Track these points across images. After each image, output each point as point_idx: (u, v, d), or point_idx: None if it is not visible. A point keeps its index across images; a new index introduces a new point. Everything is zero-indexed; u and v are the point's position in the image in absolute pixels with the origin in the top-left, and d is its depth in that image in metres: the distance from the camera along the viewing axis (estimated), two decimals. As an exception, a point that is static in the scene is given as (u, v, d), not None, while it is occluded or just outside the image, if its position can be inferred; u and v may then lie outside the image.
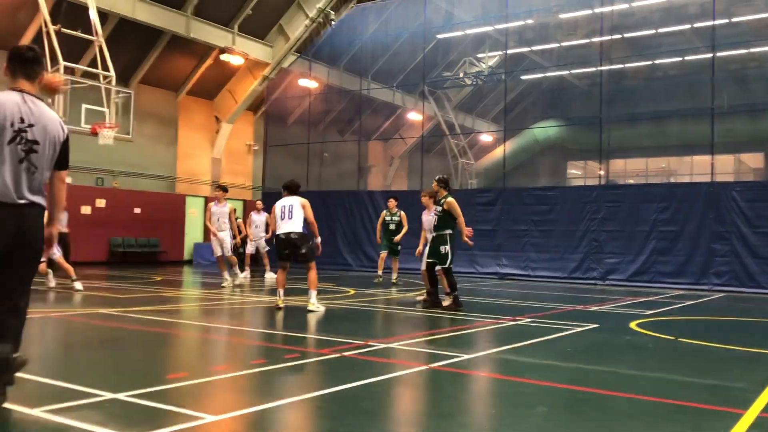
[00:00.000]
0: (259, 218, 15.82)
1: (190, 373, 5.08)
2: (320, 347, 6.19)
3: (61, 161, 4.17)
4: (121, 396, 4.17)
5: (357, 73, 22.63)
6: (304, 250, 9.17)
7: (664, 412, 4.33)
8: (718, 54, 16.99)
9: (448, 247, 9.59)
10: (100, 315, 8.37)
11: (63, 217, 17.19)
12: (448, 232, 9.71)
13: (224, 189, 13.45)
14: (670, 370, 5.74)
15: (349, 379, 4.90)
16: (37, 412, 3.76)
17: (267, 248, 15.64)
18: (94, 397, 4.13)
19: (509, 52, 20.63)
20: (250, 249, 15.93)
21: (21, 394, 4.25)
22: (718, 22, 17.20)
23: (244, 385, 4.89)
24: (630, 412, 4.32)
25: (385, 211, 15.04)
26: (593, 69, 20.72)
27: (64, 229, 12.34)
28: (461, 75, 26.29)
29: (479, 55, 25.87)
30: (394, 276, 14.82)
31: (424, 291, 10.46)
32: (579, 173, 33.69)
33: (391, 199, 15.11)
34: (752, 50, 21.49)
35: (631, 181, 27.64)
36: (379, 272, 15.33)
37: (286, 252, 9.23)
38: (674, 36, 22.28)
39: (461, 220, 9.74)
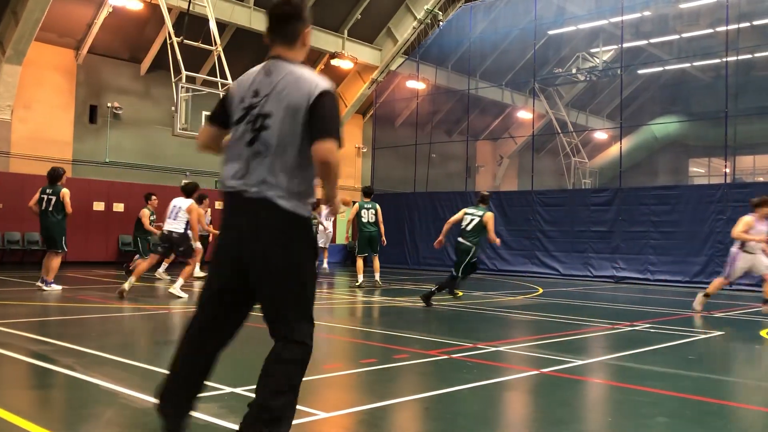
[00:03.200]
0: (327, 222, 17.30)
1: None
2: (428, 348, 6.19)
3: (317, 127, 2.94)
4: (239, 390, 4.34)
5: (465, 73, 22.49)
6: (182, 248, 10.36)
7: (801, 429, 3.99)
8: None
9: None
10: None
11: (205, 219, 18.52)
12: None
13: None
14: (808, 384, 5.29)
15: (457, 381, 4.87)
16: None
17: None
18: (215, 391, 4.33)
19: (625, 45, 19.78)
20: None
21: (150, 384, 4.53)
22: None
23: (356, 383, 4.97)
24: (758, 427, 4.02)
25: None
26: (718, 60, 19.51)
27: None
28: (574, 71, 25.51)
29: (593, 50, 25.00)
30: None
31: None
32: (702, 171, 31.82)
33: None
34: None
35: (761, 179, 25.78)
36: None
37: (165, 246, 10.50)
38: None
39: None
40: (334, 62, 22.36)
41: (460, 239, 10.58)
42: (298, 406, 4.04)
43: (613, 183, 20.80)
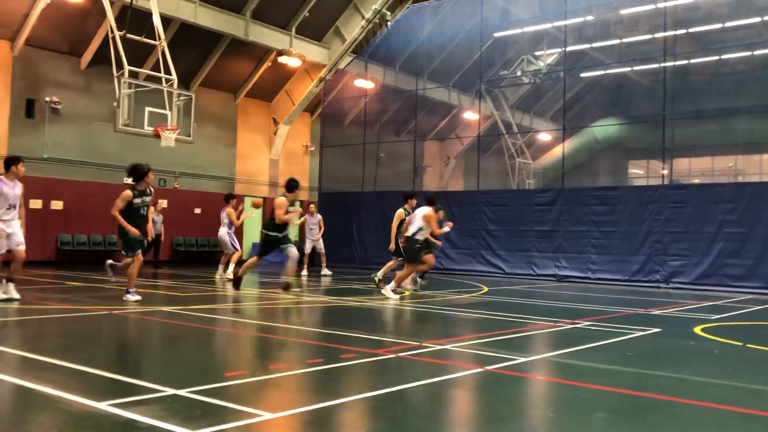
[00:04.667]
0: (312, 220, 17.07)
1: (249, 371, 5.17)
2: (375, 347, 6.20)
3: None
4: (182, 392, 4.27)
5: (413, 73, 22.62)
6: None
7: (732, 421, 4.16)
8: (790, 48, 16.28)
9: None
10: (162, 313, 8.61)
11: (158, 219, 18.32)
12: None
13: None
14: (738, 378, 5.52)
15: (404, 379, 4.89)
16: (103, 406, 3.88)
17: (323, 249, 17.16)
18: (156, 393, 4.24)
19: (568, 49, 20.24)
20: (308, 248, 17.02)
21: (88, 387, 4.40)
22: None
23: (302, 383, 4.94)
24: (695, 420, 4.17)
25: (402, 211, 13.10)
26: (656, 65, 20.16)
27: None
28: (519, 73, 25.95)
29: (537, 53, 25.48)
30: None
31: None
32: (641, 173, 32.82)
33: (411, 199, 13.30)
34: (827, 43, 20.51)
35: (697, 181, 26.76)
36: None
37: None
38: (743, 30, 21.46)
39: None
40: (282, 60, 22.17)
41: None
42: (241, 407, 4.00)
43: (556, 183, 21.27)
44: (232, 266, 14.26)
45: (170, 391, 4.28)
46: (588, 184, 21.82)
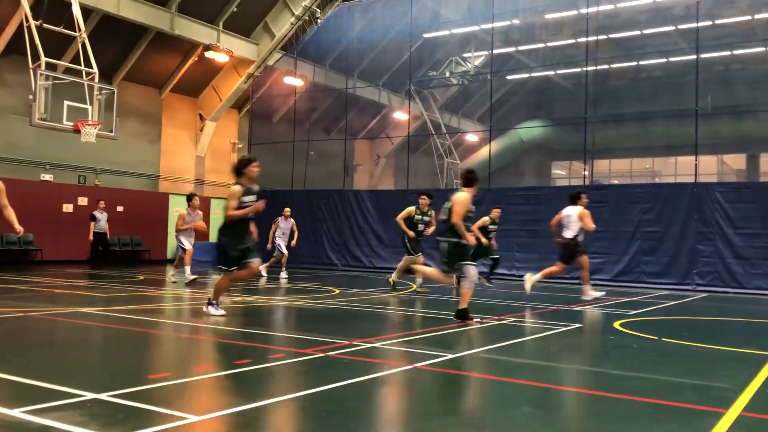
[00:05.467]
0: (286, 224, 16.26)
1: (173, 373, 5.02)
2: (304, 347, 6.15)
3: None
4: (103, 396, 4.11)
5: (343, 72, 22.58)
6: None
7: (649, 412, 4.33)
8: (702, 55, 17.13)
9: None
10: (81, 314, 8.27)
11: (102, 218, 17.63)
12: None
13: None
14: (655, 370, 5.75)
15: (333, 379, 4.87)
16: (17, 413, 3.69)
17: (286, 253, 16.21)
18: (75, 398, 4.07)
19: (495, 52, 20.66)
20: (285, 250, 16.06)
21: (0, 394, 4.18)
22: (702, 24, 17.33)
23: (228, 385, 4.85)
24: (616, 413, 4.32)
25: (414, 208, 12.77)
26: (579, 69, 20.81)
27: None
28: (447, 74, 26.31)
29: (465, 55, 25.91)
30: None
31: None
32: (564, 173, 33.85)
33: (424, 197, 12.90)
34: (735, 52, 21.68)
35: (616, 182, 27.82)
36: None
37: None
38: (659, 37, 22.43)
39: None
40: (209, 54, 21.71)
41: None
42: (165, 410, 3.89)
43: (482, 183, 21.61)
44: (188, 269, 13.23)
45: (90, 395, 4.12)
46: (514, 184, 22.35)
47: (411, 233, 12.44)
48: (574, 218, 11.36)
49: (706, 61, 17.53)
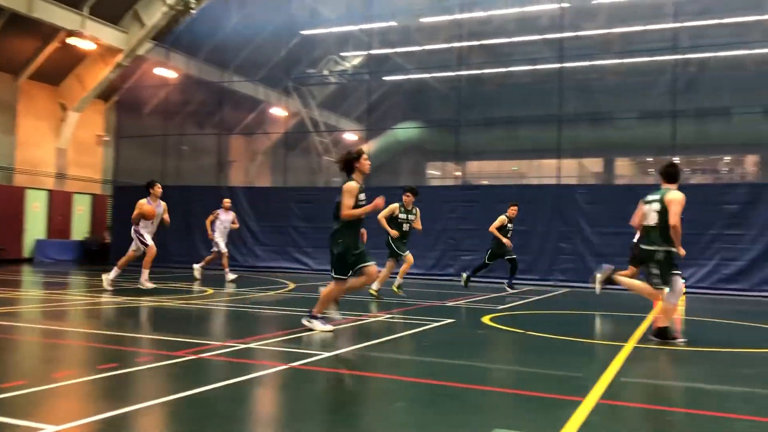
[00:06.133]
0: (227, 217, 14.90)
1: (29, 381, 4.67)
2: (174, 349, 5.93)
3: None
4: (-54, 409, 3.75)
5: (218, 65, 21.99)
6: None
7: (515, 403, 4.55)
8: (566, 65, 18.20)
9: None
10: None
11: None
12: None
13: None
14: (520, 363, 6.06)
15: (205, 381, 4.73)
16: None
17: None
18: None
19: (373, 52, 20.90)
20: (223, 249, 14.67)
21: None
22: (565, 34, 18.43)
23: (91, 391, 4.57)
24: (485, 404, 4.50)
25: (397, 206, 11.99)
26: (452, 73, 21.48)
27: None
28: (325, 72, 26.30)
29: (343, 54, 26.01)
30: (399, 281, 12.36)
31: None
32: (438, 173, 34.82)
33: (408, 193, 12.04)
34: (594, 63, 23.22)
35: (486, 182, 28.97)
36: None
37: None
38: (527, 45, 23.60)
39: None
40: (72, 41, 20.38)
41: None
42: (19, 422, 3.60)
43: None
44: (146, 272, 11.82)
45: (-70, 409, 3.74)
46: (390, 184, 22.70)
47: (394, 232, 11.71)
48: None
49: (568, 70, 18.63)
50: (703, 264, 15.20)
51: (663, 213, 7.08)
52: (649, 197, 7.33)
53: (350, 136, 30.70)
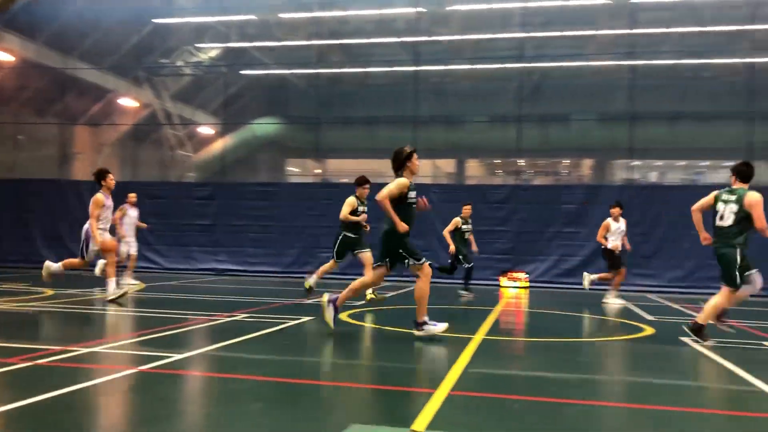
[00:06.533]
0: (135, 214, 13.41)
1: None
2: (8, 356, 5.46)
3: None
4: None
5: (61, 50, 20.48)
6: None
7: (371, 398, 4.63)
8: (421, 68, 18.78)
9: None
10: None
11: None
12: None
13: None
14: (375, 358, 6.18)
15: (44, 389, 4.40)
16: None
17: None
18: None
19: (230, 45, 20.40)
20: (133, 250, 13.21)
21: None
22: (421, 38, 19.02)
23: None
24: (341, 401, 4.55)
25: (354, 199, 10.77)
26: (312, 71, 21.47)
27: None
28: (180, 63, 25.30)
29: (199, 45, 25.15)
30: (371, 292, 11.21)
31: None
32: (298, 170, 34.64)
33: (365, 185, 10.83)
34: (448, 67, 24.12)
35: (345, 180, 29.22)
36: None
37: None
38: (384, 47, 24.05)
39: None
40: None
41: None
42: None
43: (216, 177, 21.29)
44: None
45: None
46: (248, 180, 22.28)
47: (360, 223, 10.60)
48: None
49: (424, 73, 19.24)
50: (544, 259, 16.31)
51: (739, 214, 7.01)
52: (724, 195, 7.21)
53: (206, 130, 29.75)
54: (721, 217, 7.15)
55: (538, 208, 16.56)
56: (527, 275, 15.94)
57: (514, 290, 15.26)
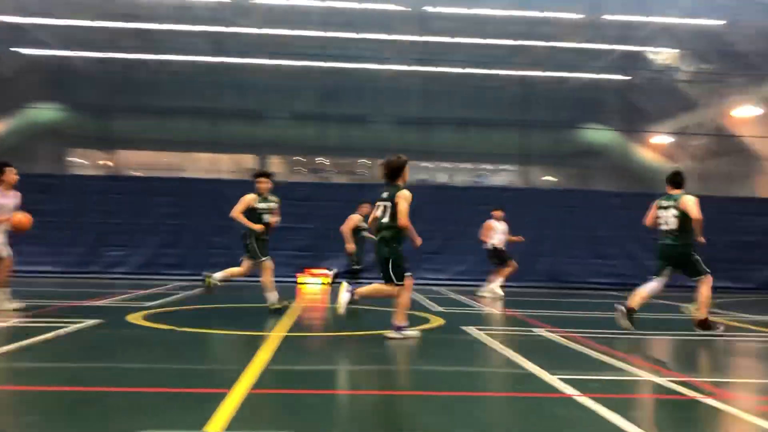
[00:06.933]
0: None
1: None
2: None
3: None
4: None
5: None
6: None
7: (161, 402, 4.44)
8: (222, 59, 18.31)
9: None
10: None
11: None
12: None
13: None
14: (167, 360, 5.93)
15: None
16: None
17: None
18: None
19: (2, 19, 18.32)
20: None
21: None
22: (222, 29, 18.55)
23: None
24: (129, 407, 4.30)
25: (254, 196, 9.35)
26: (102, 54, 20.02)
27: None
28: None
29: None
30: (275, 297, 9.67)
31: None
32: (86, 162, 32.06)
33: (263, 178, 9.41)
34: (250, 60, 23.72)
35: (139, 174, 27.63)
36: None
37: None
38: (184, 36, 23.08)
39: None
40: None
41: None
42: None
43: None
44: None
45: None
46: (24, 171, 20.21)
47: (259, 227, 9.15)
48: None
49: (225, 65, 18.79)
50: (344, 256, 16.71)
51: (680, 216, 7.90)
52: (663, 202, 8.14)
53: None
54: (666, 223, 8.04)
55: (339, 206, 16.93)
56: (330, 271, 16.25)
57: (315, 287, 15.47)
